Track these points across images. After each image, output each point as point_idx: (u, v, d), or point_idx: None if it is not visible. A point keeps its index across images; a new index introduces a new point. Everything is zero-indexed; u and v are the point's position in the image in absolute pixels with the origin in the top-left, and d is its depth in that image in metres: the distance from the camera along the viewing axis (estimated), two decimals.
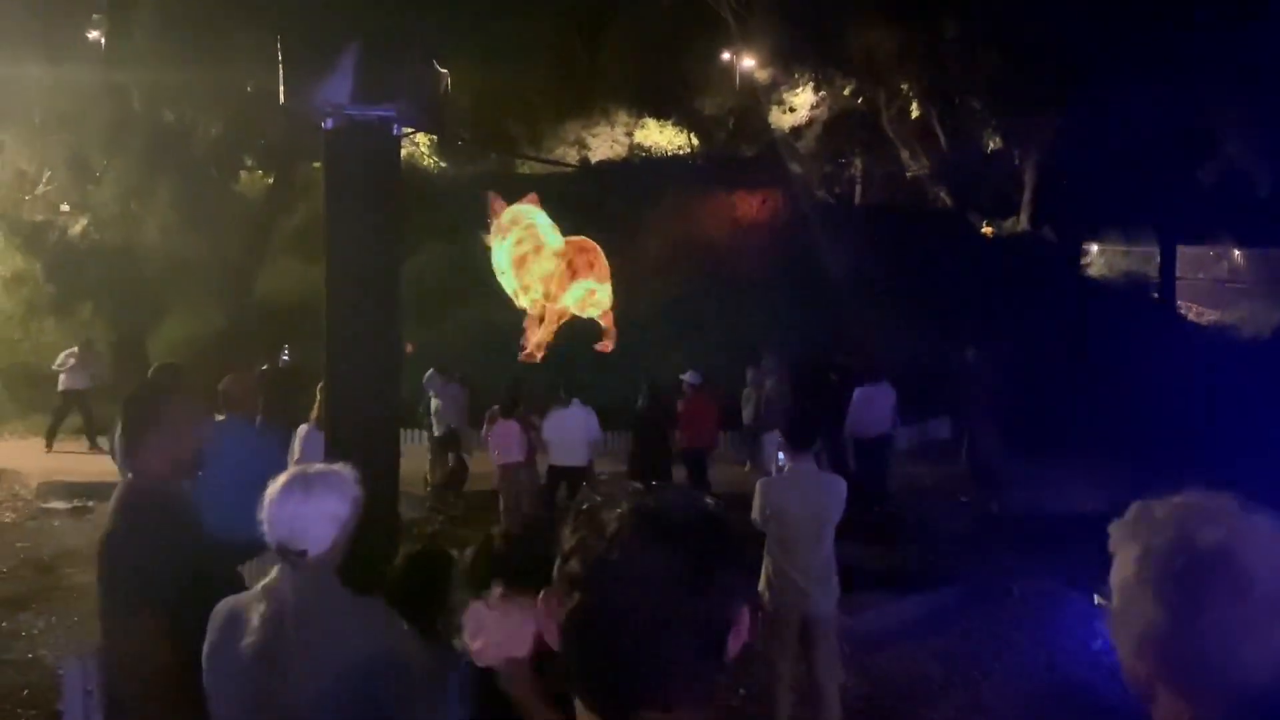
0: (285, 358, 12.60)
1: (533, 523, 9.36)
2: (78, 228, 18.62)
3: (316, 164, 19.71)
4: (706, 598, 1.20)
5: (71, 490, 11.90)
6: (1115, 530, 1.42)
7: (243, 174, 22.33)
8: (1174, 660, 1.32)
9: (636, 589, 1.18)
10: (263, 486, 2.77)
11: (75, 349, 15.46)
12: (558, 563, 1.25)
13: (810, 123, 28.89)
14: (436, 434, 12.19)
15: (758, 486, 5.39)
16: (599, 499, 1.27)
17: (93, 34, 20.17)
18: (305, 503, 2.65)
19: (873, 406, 10.94)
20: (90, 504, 11.01)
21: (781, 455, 5.74)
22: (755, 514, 5.33)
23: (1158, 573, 1.33)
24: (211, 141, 18.95)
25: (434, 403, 12.22)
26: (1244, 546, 1.30)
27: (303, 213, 20.16)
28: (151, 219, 17.89)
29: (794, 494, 5.19)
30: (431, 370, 12.46)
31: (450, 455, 12.02)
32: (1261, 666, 1.28)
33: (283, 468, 6.57)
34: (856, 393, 11.04)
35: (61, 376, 15.17)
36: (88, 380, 15.18)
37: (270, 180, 21.85)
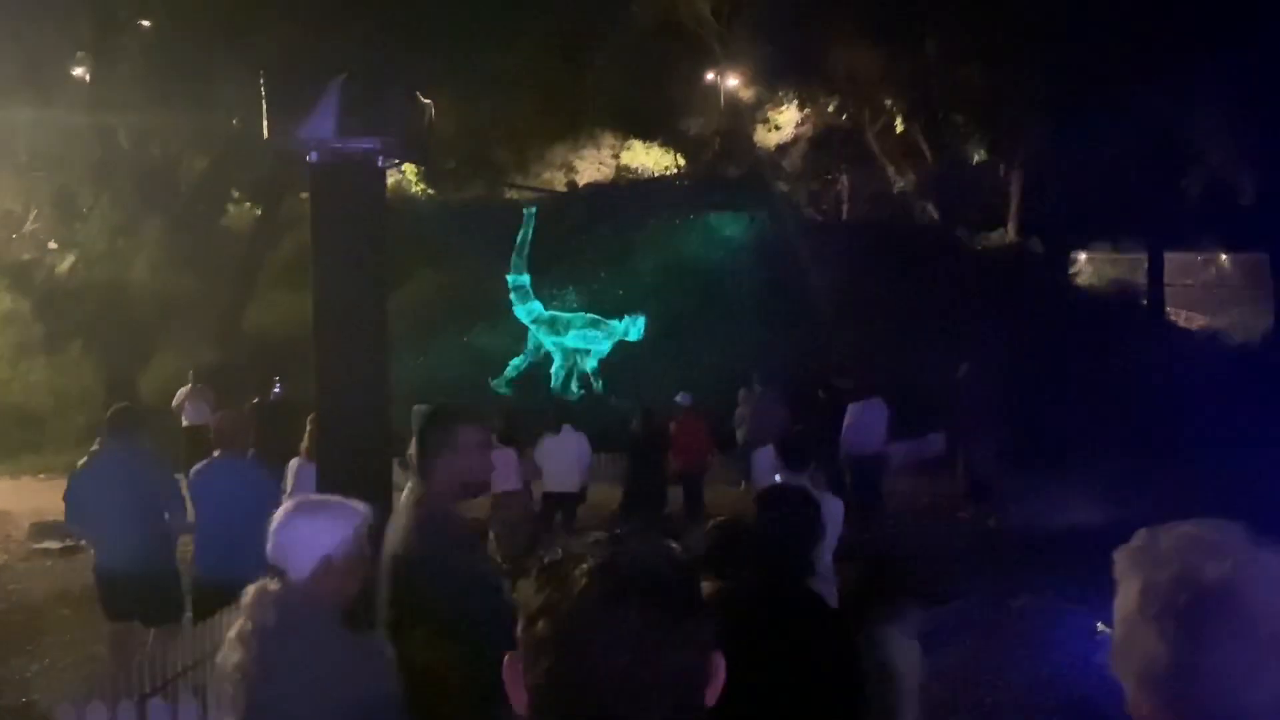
0: (277, 391, 12.56)
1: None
2: (65, 265, 18.61)
3: (304, 195, 19.80)
4: (679, 651, 1.17)
5: (63, 530, 11.78)
6: (1119, 559, 1.39)
7: (230, 208, 22.33)
8: (1175, 697, 1.29)
9: (606, 649, 1.14)
10: (258, 523, 2.78)
11: (189, 385, 15.07)
12: (521, 624, 1.22)
13: (795, 140, 29.03)
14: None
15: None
16: (561, 553, 1.25)
17: (78, 71, 20.21)
18: (297, 528, 2.71)
19: (866, 423, 10.91)
20: (82, 543, 10.92)
21: (778, 476, 5.72)
22: None
23: (1160, 608, 1.30)
24: (198, 177, 18.97)
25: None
26: (1249, 584, 1.27)
27: (290, 245, 20.16)
28: (139, 256, 17.88)
29: None
30: (417, 406, 12.23)
31: None
32: (1265, 708, 1.25)
33: (277, 503, 6.56)
34: (850, 410, 11.01)
35: (183, 414, 14.80)
36: (207, 415, 14.91)
37: (258, 213, 21.86)
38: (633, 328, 18.06)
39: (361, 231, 5.21)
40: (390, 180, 5.51)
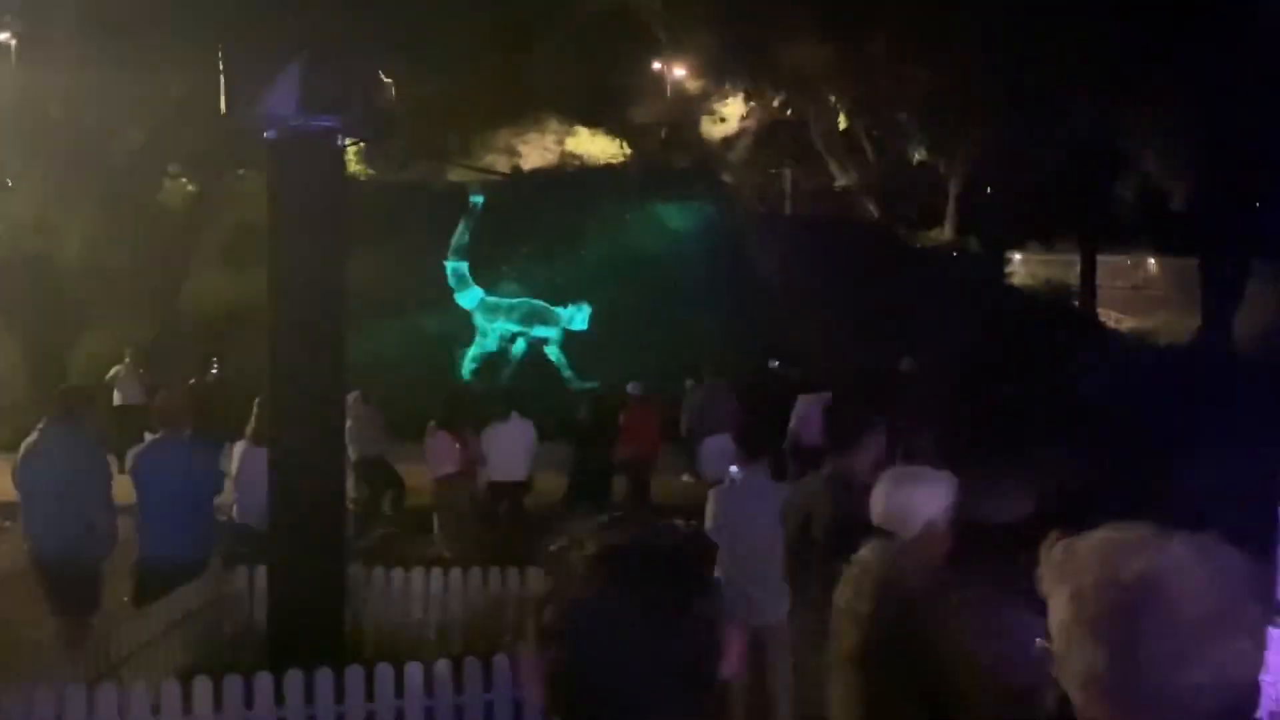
0: (214, 371, 12.29)
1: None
2: None
3: (241, 172, 19.43)
4: (688, 631, 1.17)
5: None
6: (1045, 574, 1.44)
7: (166, 183, 21.78)
8: (1119, 695, 1.33)
9: (615, 633, 1.14)
10: (201, 504, 2.73)
11: (126, 361, 14.59)
12: (531, 614, 1.23)
13: (741, 134, 29.16)
14: (352, 458, 11.50)
15: (710, 496, 5.38)
16: (566, 541, 1.25)
17: (3, 35, 19.56)
18: (908, 495, 3.20)
19: (815, 417, 10.98)
20: (8, 524, 10.57)
21: (732, 466, 5.74)
22: (709, 523, 5.32)
23: (1093, 612, 1.34)
24: (134, 150, 18.46)
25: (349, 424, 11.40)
26: (1167, 575, 1.32)
27: (228, 223, 19.72)
28: (71, 230, 17.36)
29: (747, 504, 5.19)
30: (355, 392, 11.79)
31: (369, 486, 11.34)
32: (1201, 693, 1.29)
33: (218, 484, 6.42)
34: (799, 403, 11.08)
35: (115, 392, 14.30)
36: (141, 394, 14.15)
37: (193, 189, 21.36)
38: (578, 315, 18.01)
39: (320, 210, 5.13)
40: None
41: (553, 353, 18.39)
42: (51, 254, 17.48)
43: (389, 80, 5.38)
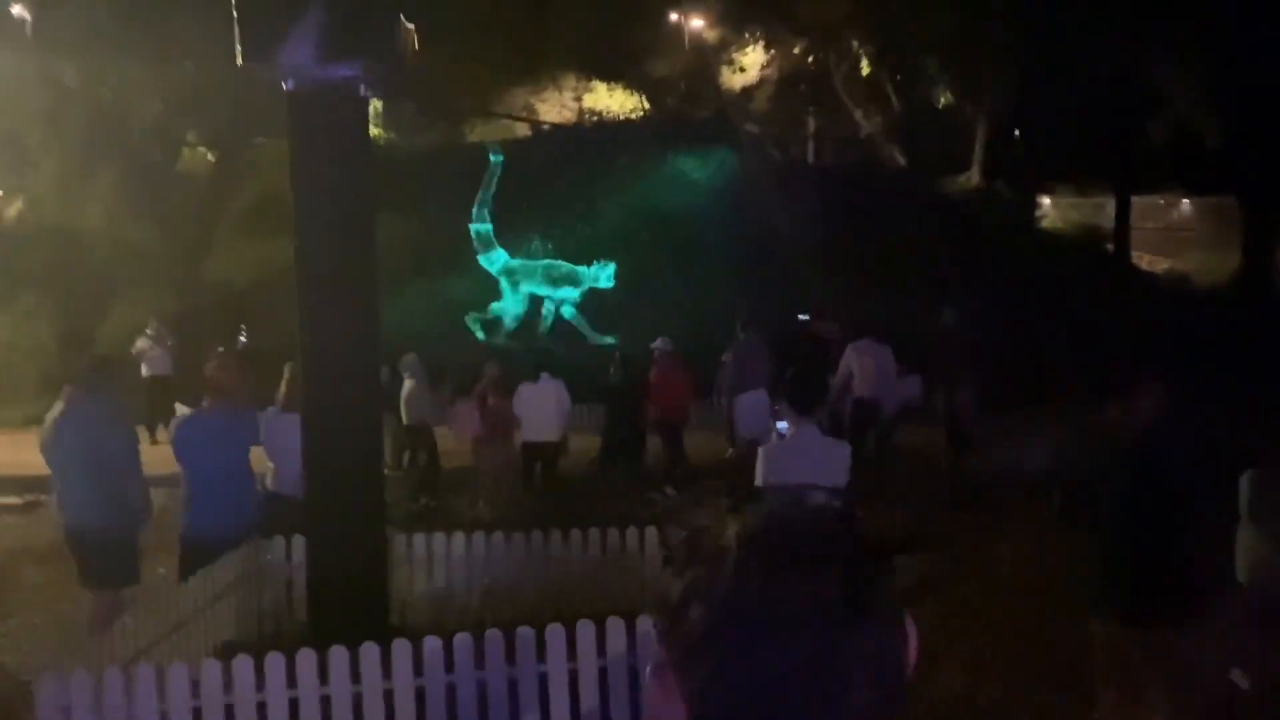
0: (243, 340, 12.15)
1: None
2: (13, 211, 17.93)
3: (260, 140, 19.20)
4: (872, 627, 0.94)
5: (22, 485, 11.38)
6: None
7: (186, 152, 21.62)
8: None
9: (784, 635, 0.90)
10: (248, 475, 2.53)
11: (149, 331, 14.43)
12: (664, 623, 0.97)
13: (761, 83, 28.65)
14: (406, 422, 11.45)
15: (760, 453, 5.16)
16: (696, 526, 1.00)
17: (17, 9, 19.35)
18: None
19: (869, 367, 10.82)
20: (42, 498, 10.52)
21: (782, 423, 5.51)
22: (758, 481, 5.10)
23: None
24: (152, 120, 18.28)
25: (407, 386, 11.54)
26: None
27: (250, 191, 19.57)
28: (93, 203, 17.24)
29: (800, 461, 4.97)
30: (412, 355, 11.66)
31: (422, 453, 11.30)
32: None
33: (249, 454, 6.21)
34: (851, 352, 10.86)
35: (143, 364, 14.21)
36: (169, 365, 14.18)
37: (213, 158, 21.20)
38: (602, 274, 17.78)
39: (345, 166, 4.90)
40: None
41: (568, 312, 18.15)
42: (74, 226, 17.40)
43: (411, 26, 5.11)
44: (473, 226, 17.84)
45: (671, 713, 0.96)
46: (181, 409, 7.58)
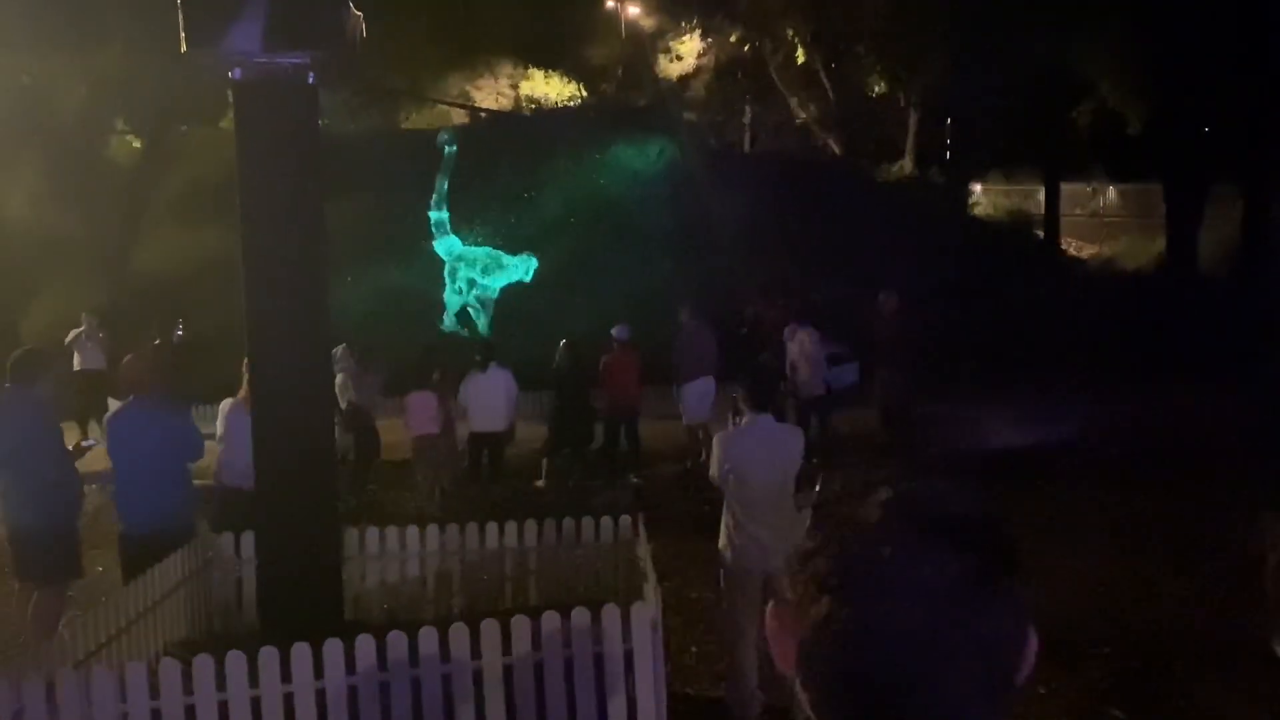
0: (180, 333, 11.89)
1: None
2: None
3: (184, 128, 18.72)
4: (996, 614, 0.96)
5: None
6: None
7: (113, 140, 21.04)
8: None
9: (909, 595, 0.93)
10: (180, 469, 2.51)
11: (83, 326, 13.74)
12: (794, 564, 1.00)
13: (698, 71, 28.70)
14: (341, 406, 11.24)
15: (716, 441, 5.21)
16: (843, 490, 1.03)
17: None
18: None
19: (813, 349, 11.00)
20: None
21: (741, 417, 5.55)
22: (714, 470, 5.15)
23: None
24: (77, 105, 17.74)
25: (339, 379, 11.17)
26: None
27: (179, 179, 19.12)
28: (15, 189, 16.71)
29: (756, 449, 5.03)
30: (342, 345, 11.43)
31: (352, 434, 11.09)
32: None
33: (196, 447, 6.15)
34: (796, 335, 11.00)
35: (75, 357, 13.53)
36: (102, 359, 13.41)
37: (140, 146, 20.65)
38: (521, 267, 17.75)
39: (294, 155, 4.83)
40: None
41: (472, 300, 17.96)
42: None
43: (358, 13, 5.05)
44: (431, 214, 17.68)
45: (782, 651, 1.01)
46: (114, 404, 7.46)
